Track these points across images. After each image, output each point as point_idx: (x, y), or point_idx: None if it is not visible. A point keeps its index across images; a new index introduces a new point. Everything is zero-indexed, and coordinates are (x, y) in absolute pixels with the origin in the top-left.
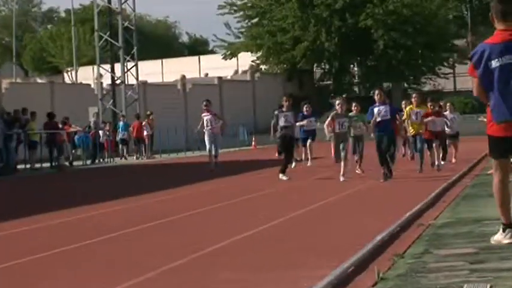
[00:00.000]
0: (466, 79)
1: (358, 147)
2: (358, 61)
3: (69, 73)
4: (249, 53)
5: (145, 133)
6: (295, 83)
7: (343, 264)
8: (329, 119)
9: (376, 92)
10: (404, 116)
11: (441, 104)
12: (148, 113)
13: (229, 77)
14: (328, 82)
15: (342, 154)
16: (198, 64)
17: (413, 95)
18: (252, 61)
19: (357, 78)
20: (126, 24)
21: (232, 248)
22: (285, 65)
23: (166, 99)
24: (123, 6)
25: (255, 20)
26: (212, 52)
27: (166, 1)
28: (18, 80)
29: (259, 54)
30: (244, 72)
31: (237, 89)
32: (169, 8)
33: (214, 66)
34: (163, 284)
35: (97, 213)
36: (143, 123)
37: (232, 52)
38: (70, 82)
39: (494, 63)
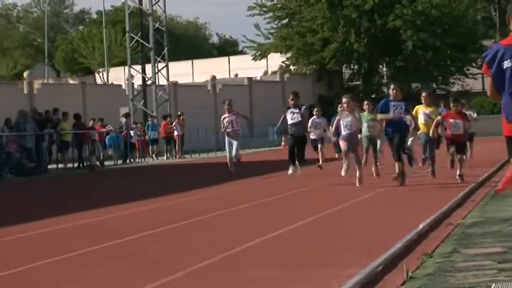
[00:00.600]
0: None
1: (372, 148)
2: (387, 62)
3: (101, 74)
4: (279, 54)
5: (175, 133)
6: (324, 84)
7: (372, 263)
8: (334, 123)
9: (392, 87)
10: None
11: (463, 102)
12: (179, 113)
13: (258, 78)
14: (358, 83)
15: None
16: (228, 65)
17: (423, 94)
18: (282, 62)
19: (385, 78)
20: (157, 25)
21: (261, 248)
22: (314, 66)
23: (196, 99)
24: (154, 7)
25: (285, 21)
26: (242, 53)
27: (196, 2)
28: (50, 81)
29: (288, 55)
30: (274, 73)
31: (266, 89)
32: (199, 9)
33: (244, 67)
34: (192, 284)
35: (127, 213)
36: (173, 123)
37: (261, 53)
38: (101, 83)
39: (507, 64)
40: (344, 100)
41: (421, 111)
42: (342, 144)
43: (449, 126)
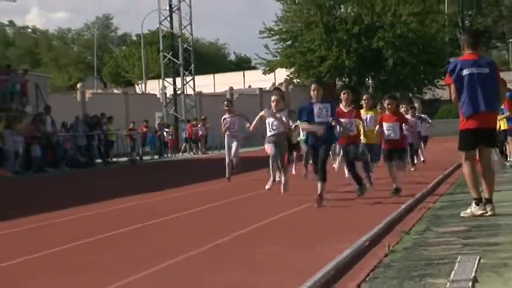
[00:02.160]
0: None
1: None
2: (372, 75)
3: (140, 85)
4: (284, 69)
5: (200, 133)
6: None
7: (360, 240)
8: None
9: (313, 87)
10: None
11: (414, 106)
12: (203, 117)
13: (268, 88)
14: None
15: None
16: (243, 78)
17: (364, 97)
18: (287, 75)
19: (371, 89)
20: (185, 45)
21: (269, 228)
22: (313, 79)
23: (217, 106)
24: (182, 31)
25: (289, 42)
26: (254, 68)
27: (217, 27)
28: (99, 91)
29: (292, 70)
30: (280, 84)
31: (275, 97)
32: (219, 32)
33: (256, 80)
34: (212, 257)
35: (163, 198)
36: (199, 125)
37: (270, 68)
38: (140, 92)
39: (465, 72)
40: (273, 98)
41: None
42: (268, 148)
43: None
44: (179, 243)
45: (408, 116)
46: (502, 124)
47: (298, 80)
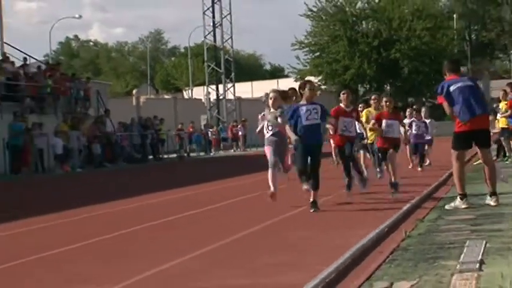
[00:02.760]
0: None
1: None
2: (390, 82)
3: (187, 91)
4: (313, 77)
5: (240, 133)
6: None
7: (380, 226)
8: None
9: (306, 87)
10: (364, 120)
11: (416, 108)
12: (243, 119)
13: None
14: (368, 97)
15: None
16: (277, 85)
17: (373, 96)
18: (315, 83)
19: (389, 94)
20: (226, 56)
21: (298, 217)
22: (338, 85)
23: (254, 109)
24: (224, 44)
25: (317, 53)
26: (287, 76)
27: (255, 40)
28: (152, 96)
29: (320, 77)
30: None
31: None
32: (257, 45)
33: (288, 87)
34: (248, 242)
35: (208, 189)
36: (239, 126)
37: (301, 76)
38: (187, 97)
39: (452, 88)
40: (271, 95)
41: (372, 115)
42: (268, 151)
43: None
44: (222, 229)
45: (407, 120)
46: (501, 122)
47: (325, 87)
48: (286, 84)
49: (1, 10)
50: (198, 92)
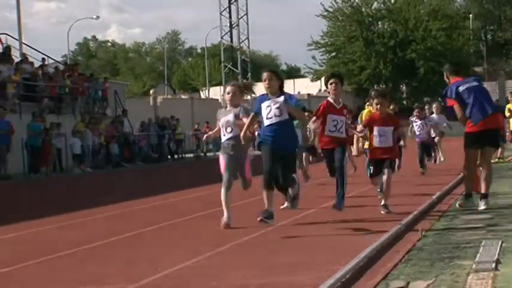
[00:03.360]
0: None
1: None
2: (406, 83)
3: (204, 91)
4: None
5: (256, 133)
6: (361, 98)
7: (396, 226)
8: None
9: (264, 75)
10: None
11: (421, 105)
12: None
13: (315, 94)
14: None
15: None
16: (293, 85)
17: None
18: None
19: (405, 94)
20: (243, 57)
21: (316, 215)
22: (354, 86)
23: None
24: (241, 44)
25: (333, 54)
26: (303, 76)
27: (271, 41)
28: (169, 96)
29: None
30: (326, 90)
31: (321, 102)
32: (273, 45)
33: (305, 86)
34: (263, 242)
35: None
36: (255, 125)
37: (317, 76)
38: (204, 98)
39: (461, 88)
40: (229, 90)
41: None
42: (222, 163)
43: (374, 137)
44: (237, 229)
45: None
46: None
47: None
48: (303, 84)
49: (20, 11)
50: (215, 92)
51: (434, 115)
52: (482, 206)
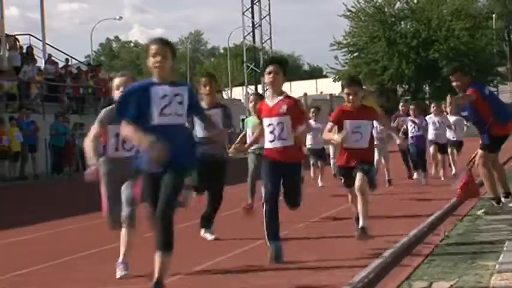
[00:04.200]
0: (507, 95)
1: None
2: (429, 83)
3: (226, 91)
4: None
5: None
6: (384, 98)
7: (419, 227)
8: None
9: (202, 80)
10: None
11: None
12: None
13: (337, 94)
14: (407, 97)
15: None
16: (315, 85)
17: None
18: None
19: (427, 94)
20: (265, 57)
21: (342, 214)
22: (376, 85)
23: None
24: (263, 45)
25: (355, 54)
26: (325, 77)
27: (293, 41)
28: None
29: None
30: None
31: (343, 102)
32: (295, 45)
33: (327, 86)
34: (295, 236)
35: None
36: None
37: (339, 76)
38: (226, 98)
39: (487, 91)
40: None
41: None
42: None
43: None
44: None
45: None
46: None
47: (364, 87)
48: (325, 84)
49: (43, 12)
50: (237, 92)
51: (449, 115)
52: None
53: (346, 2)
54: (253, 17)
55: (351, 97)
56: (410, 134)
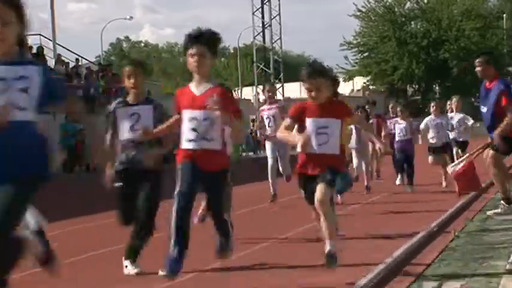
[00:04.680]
0: None
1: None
2: (439, 83)
3: (236, 91)
4: (361, 77)
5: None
6: (393, 98)
7: (429, 226)
8: None
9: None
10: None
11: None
12: None
13: (347, 94)
14: (417, 97)
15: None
16: None
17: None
18: (364, 83)
19: (437, 94)
20: (275, 57)
21: (345, 217)
22: (386, 86)
23: None
24: (273, 45)
25: (365, 54)
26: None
27: (303, 41)
28: None
29: (368, 78)
30: (358, 90)
31: (352, 102)
32: (305, 45)
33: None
34: (306, 236)
35: (256, 188)
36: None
37: (349, 76)
38: (237, 98)
39: None
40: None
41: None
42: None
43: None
44: (269, 228)
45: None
46: None
47: (374, 87)
48: None
49: (53, 12)
50: (247, 92)
51: (453, 113)
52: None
53: (356, 1)
54: (263, 17)
55: (313, 93)
56: (397, 138)
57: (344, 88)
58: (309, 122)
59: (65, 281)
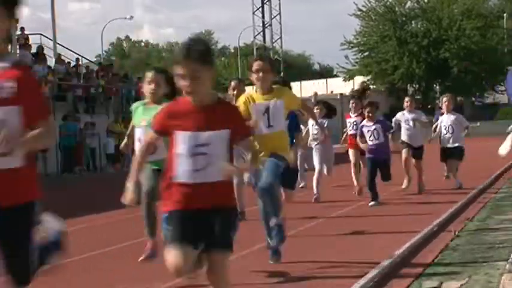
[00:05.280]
0: None
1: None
2: (439, 82)
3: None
4: (362, 76)
5: None
6: (394, 98)
7: (429, 226)
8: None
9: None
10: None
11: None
12: None
13: (347, 94)
14: (418, 97)
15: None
16: (326, 84)
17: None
18: (364, 82)
19: (438, 94)
20: (276, 56)
21: (348, 217)
22: (387, 85)
23: None
24: (274, 44)
25: (366, 53)
26: (336, 76)
27: (303, 40)
28: None
29: (369, 77)
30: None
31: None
32: (306, 45)
33: (337, 86)
34: (306, 234)
35: None
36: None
37: (350, 76)
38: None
39: None
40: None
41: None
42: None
43: (175, 157)
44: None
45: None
46: None
47: (374, 86)
48: (335, 84)
49: (54, 12)
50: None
51: (445, 115)
52: None
53: (357, 1)
54: (263, 17)
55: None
56: (369, 143)
57: (344, 87)
58: (179, 137)
59: (64, 281)
